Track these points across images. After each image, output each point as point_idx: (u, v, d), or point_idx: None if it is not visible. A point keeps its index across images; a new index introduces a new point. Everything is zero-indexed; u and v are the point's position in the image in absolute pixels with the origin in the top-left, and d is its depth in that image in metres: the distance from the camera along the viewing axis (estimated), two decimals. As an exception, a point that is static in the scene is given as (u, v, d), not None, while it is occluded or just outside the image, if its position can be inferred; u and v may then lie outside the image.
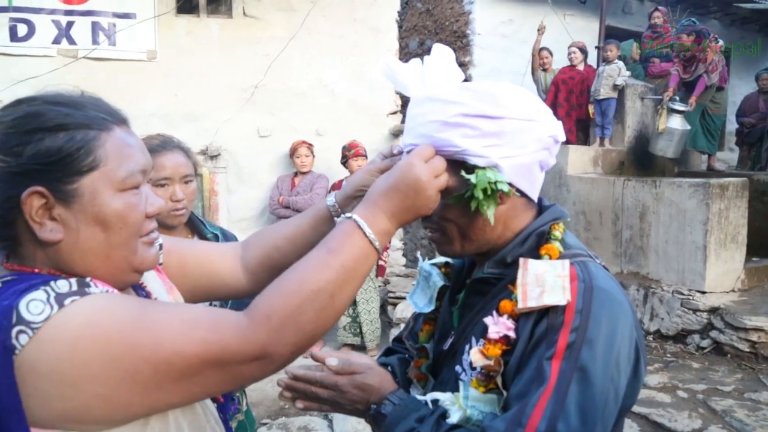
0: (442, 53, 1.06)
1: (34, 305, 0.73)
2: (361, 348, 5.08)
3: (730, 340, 4.50)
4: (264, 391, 4.15)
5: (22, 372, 0.70)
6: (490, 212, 0.98)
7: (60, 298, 0.74)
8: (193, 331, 0.78)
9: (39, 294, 0.74)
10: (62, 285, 0.76)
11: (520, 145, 0.98)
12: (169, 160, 1.81)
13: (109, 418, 0.75)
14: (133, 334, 0.75)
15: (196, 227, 2.00)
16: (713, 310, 4.68)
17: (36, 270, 0.82)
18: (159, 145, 1.82)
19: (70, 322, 0.73)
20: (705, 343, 4.69)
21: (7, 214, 0.79)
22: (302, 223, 1.17)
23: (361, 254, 0.88)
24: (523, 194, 1.03)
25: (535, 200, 1.08)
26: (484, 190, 0.96)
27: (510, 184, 0.99)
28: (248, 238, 1.24)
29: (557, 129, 1.04)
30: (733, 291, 4.96)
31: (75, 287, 0.77)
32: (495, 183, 0.96)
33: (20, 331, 0.71)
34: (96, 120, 0.83)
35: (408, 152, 1.01)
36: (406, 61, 1.09)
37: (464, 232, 1.04)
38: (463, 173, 0.97)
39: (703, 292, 4.84)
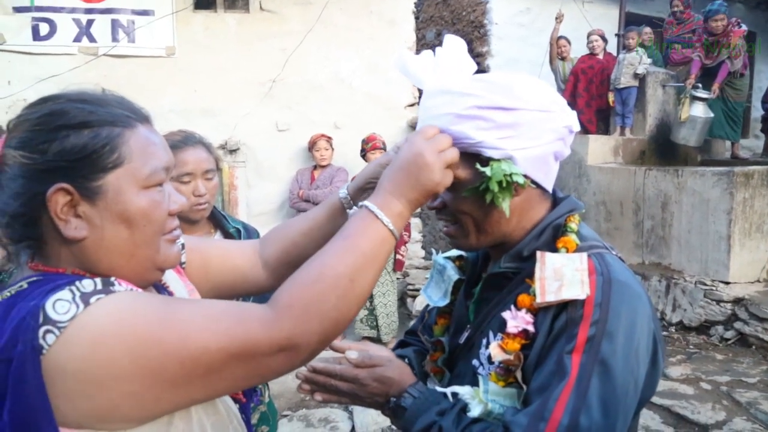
0: (454, 44, 1.06)
1: (60, 305, 0.72)
2: (378, 340, 5.11)
3: (755, 331, 4.43)
4: (285, 383, 4.19)
5: (49, 372, 0.70)
6: (506, 204, 0.97)
7: (85, 297, 0.74)
8: (218, 324, 0.77)
9: (64, 294, 0.73)
10: (87, 284, 0.76)
11: (535, 136, 0.98)
12: (191, 155, 1.83)
13: (137, 416, 0.75)
14: (159, 330, 0.75)
15: (218, 222, 2.02)
16: (737, 301, 4.61)
17: (61, 270, 0.82)
18: (181, 141, 1.84)
19: (96, 320, 0.72)
20: (729, 334, 4.63)
21: (32, 212, 0.79)
22: (317, 216, 1.18)
23: (378, 238, 0.88)
24: (538, 185, 1.03)
25: (550, 191, 1.08)
26: (500, 183, 0.96)
27: (525, 176, 0.98)
28: (266, 234, 1.26)
29: (572, 119, 1.04)
30: (758, 281, 4.87)
31: (100, 286, 0.76)
32: (510, 175, 0.96)
33: (47, 331, 0.70)
34: (120, 117, 0.83)
35: None
36: (422, 52, 1.09)
37: (480, 224, 1.04)
38: (478, 166, 0.97)
39: (727, 283, 4.76)
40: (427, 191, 0.93)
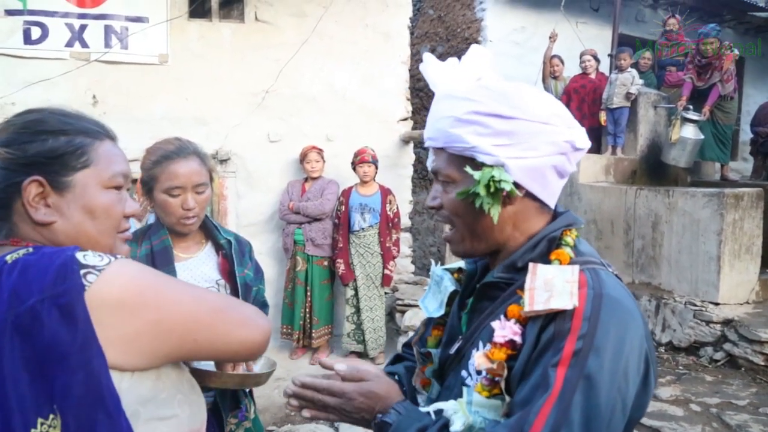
0: (478, 54, 1.08)
1: (90, 257, 0.89)
2: (365, 355, 5.04)
3: (745, 353, 4.42)
4: (270, 397, 4.13)
5: (90, 305, 0.84)
6: (494, 211, 0.99)
7: (109, 255, 0.91)
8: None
9: (86, 252, 0.90)
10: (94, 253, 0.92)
11: (532, 147, 0.98)
12: (183, 167, 1.78)
13: (152, 350, 0.89)
14: (172, 283, 0.97)
15: (209, 232, 1.97)
16: (727, 322, 4.61)
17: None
18: (173, 152, 1.79)
19: (128, 267, 0.91)
20: (718, 355, 4.62)
21: (6, 198, 0.96)
22: None
23: None
24: (535, 198, 1.03)
25: (551, 206, 1.07)
26: (488, 188, 0.97)
27: (519, 186, 0.99)
28: None
29: (575, 135, 1.02)
30: (747, 303, 4.88)
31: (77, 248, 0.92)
32: (499, 182, 0.96)
33: (87, 272, 0.86)
34: (91, 130, 1.03)
35: (426, 146, 1.09)
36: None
37: (472, 229, 1.05)
38: (467, 169, 0.99)
39: (717, 304, 4.77)
40: None
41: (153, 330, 0.89)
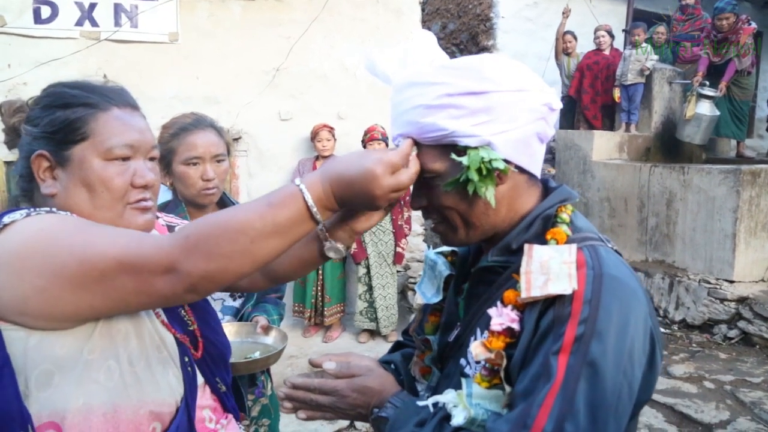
0: (424, 37, 1.02)
1: (10, 215, 0.91)
2: (378, 333, 5.07)
3: (759, 330, 4.40)
4: (284, 374, 4.16)
5: None
6: (490, 194, 0.93)
7: (30, 213, 0.92)
8: (118, 239, 0.89)
9: (22, 211, 0.92)
10: (42, 210, 0.94)
11: (512, 118, 0.93)
12: (201, 138, 1.79)
13: (45, 312, 0.87)
14: (69, 237, 0.89)
15: None
16: (741, 300, 4.58)
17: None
18: (191, 124, 1.81)
19: (27, 226, 0.89)
20: (732, 333, 4.60)
21: (29, 172, 1.01)
22: None
23: (298, 221, 0.90)
24: (523, 170, 0.98)
25: (538, 175, 1.03)
26: (479, 171, 0.91)
27: (507, 161, 0.94)
28: None
29: (550, 97, 0.98)
30: (762, 281, 4.84)
31: (51, 209, 0.96)
32: (489, 161, 0.91)
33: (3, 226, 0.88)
34: (98, 101, 1.01)
35: (396, 144, 0.99)
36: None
37: (466, 218, 0.99)
38: (453, 156, 0.93)
39: (731, 282, 4.73)
40: (363, 208, 1.00)
41: (39, 295, 0.86)
